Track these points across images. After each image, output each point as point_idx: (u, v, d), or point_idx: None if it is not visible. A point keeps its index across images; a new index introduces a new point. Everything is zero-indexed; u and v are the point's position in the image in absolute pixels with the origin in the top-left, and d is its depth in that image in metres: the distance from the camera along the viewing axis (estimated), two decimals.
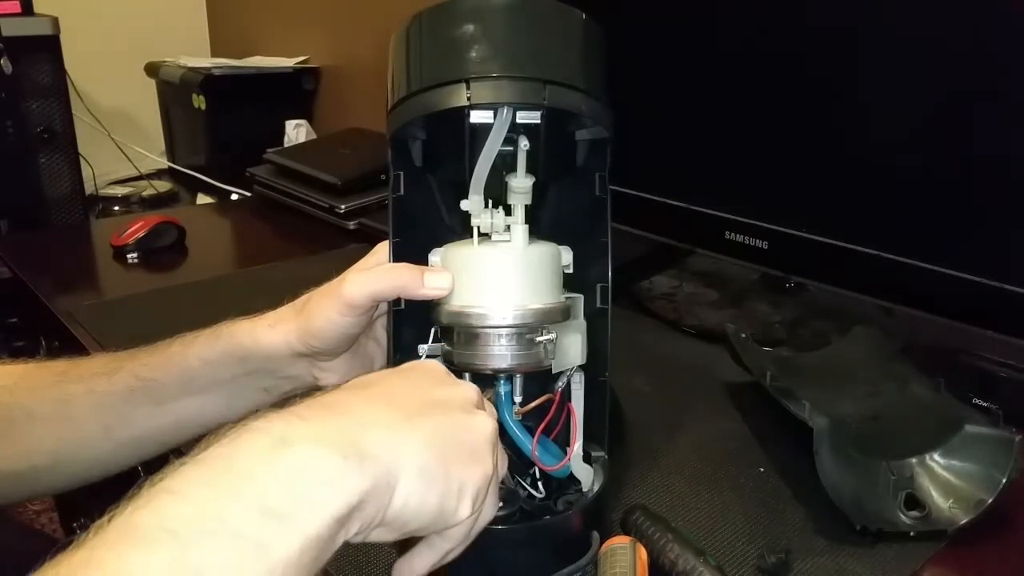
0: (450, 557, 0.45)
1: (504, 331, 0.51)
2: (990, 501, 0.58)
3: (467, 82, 0.50)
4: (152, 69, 1.89)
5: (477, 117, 0.51)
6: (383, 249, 0.57)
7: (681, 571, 0.52)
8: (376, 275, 0.54)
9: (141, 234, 1.21)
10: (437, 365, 0.49)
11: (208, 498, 0.34)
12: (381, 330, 0.60)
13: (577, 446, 0.56)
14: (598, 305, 0.58)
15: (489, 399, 0.52)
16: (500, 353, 0.52)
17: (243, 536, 0.33)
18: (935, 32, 0.69)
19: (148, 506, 0.33)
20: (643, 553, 0.53)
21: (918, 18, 0.70)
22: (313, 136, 1.77)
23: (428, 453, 0.41)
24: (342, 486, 0.36)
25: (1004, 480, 0.58)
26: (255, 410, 0.60)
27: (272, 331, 0.57)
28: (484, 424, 0.45)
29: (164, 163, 1.94)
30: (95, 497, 0.64)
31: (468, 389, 0.47)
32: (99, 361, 0.61)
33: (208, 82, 1.70)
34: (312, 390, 0.59)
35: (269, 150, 1.53)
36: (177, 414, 0.60)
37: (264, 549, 0.33)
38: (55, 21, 1.59)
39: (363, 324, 0.56)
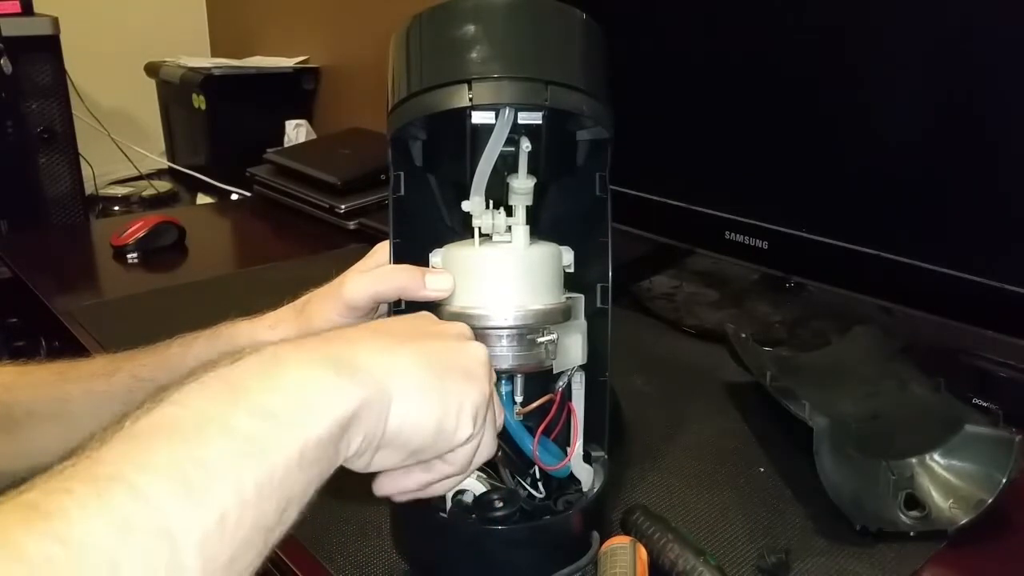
0: (447, 487, 0.46)
1: (505, 332, 0.51)
2: (990, 501, 0.58)
3: (469, 83, 0.50)
4: (152, 69, 1.89)
5: (478, 118, 0.51)
6: (383, 249, 0.57)
7: (681, 571, 0.52)
8: (377, 276, 0.54)
9: (141, 234, 1.21)
10: (429, 313, 0.50)
11: (208, 407, 0.34)
12: None
13: (577, 446, 0.56)
14: (598, 305, 0.58)
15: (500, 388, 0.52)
16: (501, 354, 0.52)
17: (242, 435, 0.34)
18: (935, 32, 0.69)
19: (149, 415, 0.34)
20: (643, 553, 0.53)
21: (918, 18, 0.70)
22: (313, 136, 1.77)
23: (422, 370, 0.41)
24: (337, 394, 0.37)
25: (1004, 480, 0.58)
26: None
27: (272, 332, 0.57)
28: (477, 349, 0.46)
29: (164, 163, 1.94)
30: None
31: (460, 325, 0.48)
32: (98, 362, 0.61)
33: (208, 82, 1.70)
34: None
35: (269, 150, 1.53)
36: None
37: (263, 448, 0.34)
38: (55, 21, 1.59)
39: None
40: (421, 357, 0.42)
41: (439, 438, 0.42)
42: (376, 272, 0.54)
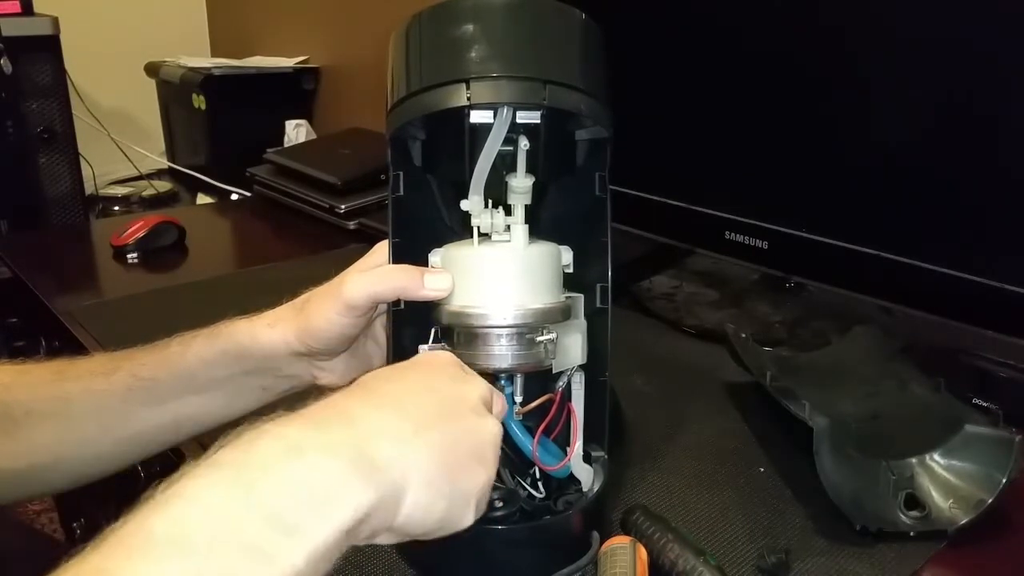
0: None
1: (504, 331, 0.51)
2: (990, 501, 0.58)
3: (467, 82, 0.50)
4: (152, 69, 1.89)
5: (477, 117, 0.51)
6: (382, 249, 0.57)
7: (681, 571, 0.52)
8: (376, 276, 0.54)
9: (141, 234, 1.21)
10: (449, 357, 0.49)
11: (219, 505, 0.34)
12: (380, 330, 0.60)
13: (577, 446, 0.56)
14: (598, 305, 0.58)
15: (500, 388, 0.52)
16: (501, 353, 0.52)
17: (253, 547, 0.33)
18: (934, 32, 0.69)
19: (161, 512, 0.33)
20: (643, 553, 0.53)
21: (918, 18, 0.70)
22: (313, 136, 1.77)
23: (436, 465, 0.41)
24: (351, 498, 0.37)
25: (1004, 480, 0.58)
26: (254, 409, 0.60)
27: (271, 330, 0.57)
28: (491, 428, 0.45)
29: (164, 163, 1.94)
30: (95, 497, 0.64)
31: (480, 387, 0.47)
32: (97, 360, 0.61)
33: (208, 82, 1.70)
34: (312, 389, 0.59)
35: (269, 150, 1.53)
36: (175, 413, 0.60)
37: (272, 560, 0.34)
38: (55, 21, 1.59)
39: (362, 325, 0.56)
40: (436, 449, 0.41)
41: (442, 527, 0.42)
42: (375, 272, 0.54)
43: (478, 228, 0.54)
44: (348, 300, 0.54)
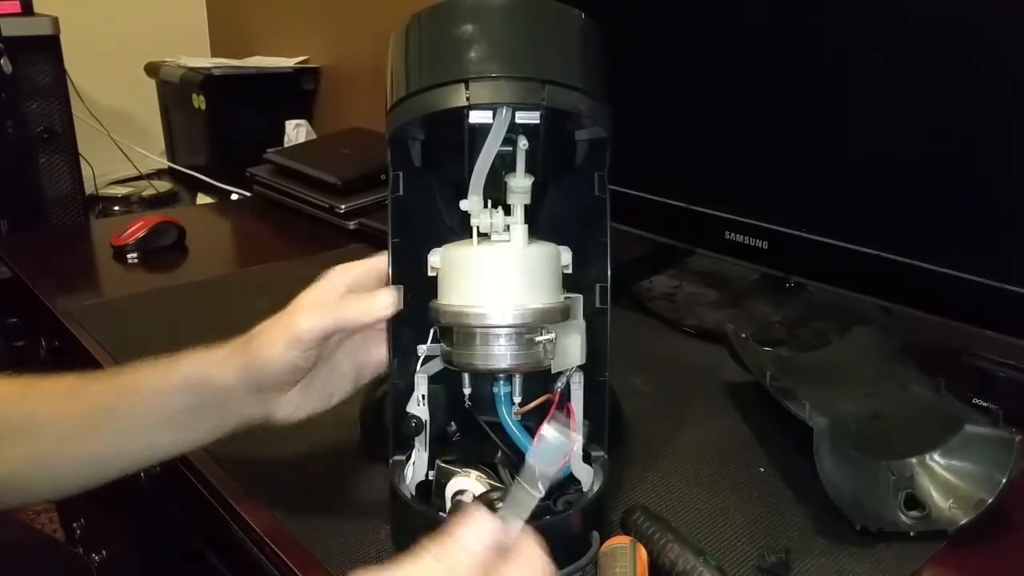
0: None
1: (503, 331, 0.51)
2: (990, 501, 0.58)
3: (466, 82, 0.50)
4: (152, 69, 1.89)
5: (476, 117, 0.51)
6: (336, 275, 0.57)
7: (681, 571, 0.52)
8: (328, 310, 0.54)
9: (141, 234, 1.21)
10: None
11: None
12: (344, 359, 0.59)
13: (577, 446, 0.56)
14: (597, 305, 0.58)
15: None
16: (500, 353, 0.52)
17: None
18: (934, 32, 0.69)
19: None
20: (643, 553, 0.53)
21: (918, 17, 0.70)
22: (313, 136, 1.77)
23: None
24: None
25: (1004, 480, 0.58)
26: (212, 441, 0.59)
27: (223, 363, 0.56)
28: None
29: (164, 163, 1.94)
30: (95, 498, 0.64)
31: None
32: (64, 382, 0.60)
33: (208, 82, 1.70)
34: (266, 423, 0.58)
35: (269, 150, 1.53)
36: (133, 443, 0.59)
37: None
38: (55, 21, 1.59)
39: (313, 359, 0.55)
40: None
41: None
42: (326, 307, 0.54)
43: (477, 228, 0.54)
44: (297, 335, 0.53)
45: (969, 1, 0.67)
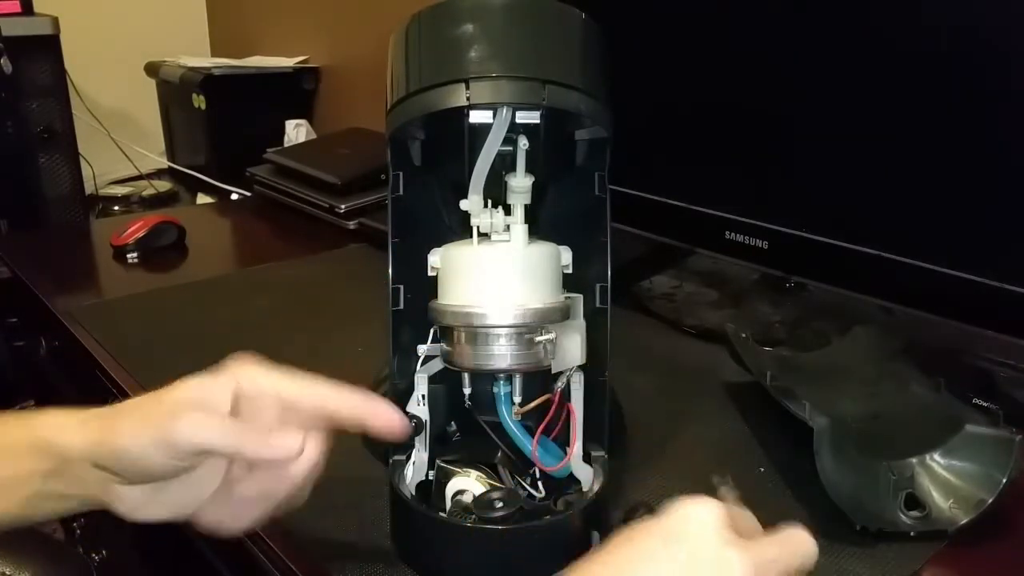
0: None
1: (504, 331, 0.51)
2: (990, 501, 0.58)
3: (466, 82, 0.50)
4: (152, 69, 1.89)
5: (476, 117, 0.51)
6: (242, 372, 0.48)
7: None
8: (217, 426, 0.45)
9: (141, 234, 1.21)
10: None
11: None
12: (209, 478, 0.48)
13: (577, 446, 0.56)
14: (597, 305, 0.58)
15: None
16: (500, 353, 0.52)
17: None
18: (934, 31, 0.69)
19: None
20: None
21: (916, 17, 0.70)
22: (313, 136, 1.77)
23: None
24: None
25: (1004, 480, 0.58)
26: (53, 518, 0.52)
27: (78, 428, 0.47)
28: None
29: (164, 163, 1.94)
30: None
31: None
32: None
33: (208, 82, 1.70)
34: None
35: (269, 150, 1.53)
36: None
37: None
38: (55, 21, 1.59)
39: (181, 469, 0.46)
40: None
41: None
42: (217, 423, 0.45)
43: (477, 228, 0.54)
44: (173, 439, 0.44)
45: (969, 1, 0.68)
